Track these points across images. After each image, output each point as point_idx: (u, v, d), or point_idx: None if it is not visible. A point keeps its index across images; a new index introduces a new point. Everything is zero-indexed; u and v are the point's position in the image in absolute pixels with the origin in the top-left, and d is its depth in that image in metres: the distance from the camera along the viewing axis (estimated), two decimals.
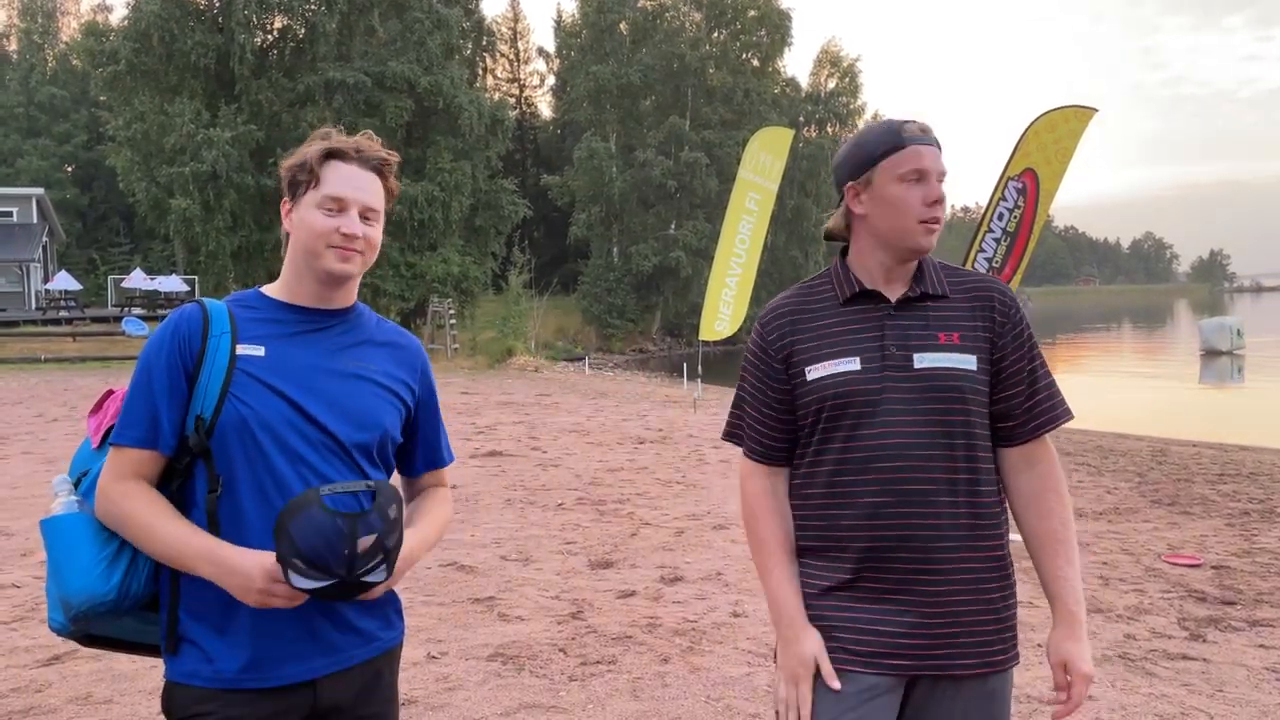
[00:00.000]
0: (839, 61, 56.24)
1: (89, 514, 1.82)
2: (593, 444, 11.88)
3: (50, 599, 1.81)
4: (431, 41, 33.49)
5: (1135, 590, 5.59)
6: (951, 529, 1.84)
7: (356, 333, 1.93)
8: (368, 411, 1.86)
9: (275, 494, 1.75)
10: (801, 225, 48.27)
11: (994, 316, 1.92)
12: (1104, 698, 4.08)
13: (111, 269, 47.35)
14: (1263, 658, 4.54)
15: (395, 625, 1.97)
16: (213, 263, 30.47)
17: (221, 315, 1.82)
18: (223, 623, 1.76)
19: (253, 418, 1.75)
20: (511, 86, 66.64)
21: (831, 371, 1.90)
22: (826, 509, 1.90)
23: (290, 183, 1.85)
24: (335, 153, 1.83)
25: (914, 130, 1.88)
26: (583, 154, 43.90)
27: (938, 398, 1.85)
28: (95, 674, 4.33)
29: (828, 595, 1.90)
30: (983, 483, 1.88)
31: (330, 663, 1.82)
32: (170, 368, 1.77)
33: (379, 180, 1.88)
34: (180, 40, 29.49)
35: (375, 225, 1.88)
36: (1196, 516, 7.66)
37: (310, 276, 1.86)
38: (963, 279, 1.97)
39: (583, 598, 5.47)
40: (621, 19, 46.19)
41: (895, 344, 1.88)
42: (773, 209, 16.25)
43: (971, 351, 1.89)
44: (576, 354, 37.46)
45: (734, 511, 7.82)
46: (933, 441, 1.84)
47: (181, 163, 28.43)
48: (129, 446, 1.76)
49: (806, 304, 2.00)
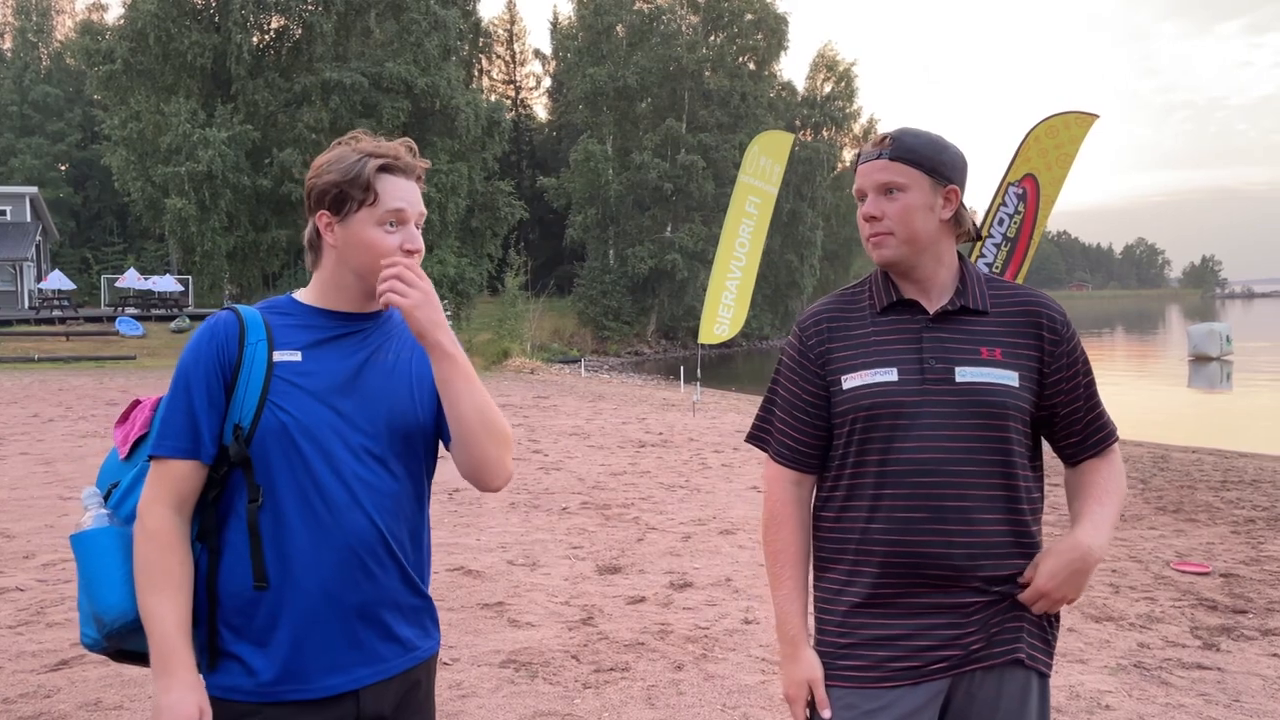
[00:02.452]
0: (835, 66, 56.35)
1: (120, 528, 1.79)
2: (594, 447, 11.85)
3: (83, 614, 1.79)
4: (429, 42, 33.43)
5: (1146, 598, 5.57)
6: (989, 545, 1.82)
7: (389, 332, 1.90)
8: (409, 413, 1.83)
9: (318, 501, 1.72)
10: (797, 230, 48.33)
11: (1042, 335, 1.89)
12: (1121, 707, 4.06)
13: (105, 268, 47.20)
14: (1277, 668, 4.53)
15: (432, 634, 1.94)
16: (208, 263, 30.38)
17: (257, 322, 1.79)
18: (263, 635, 1.73)
19: (293, 424, 1.72)
20: (508, 88, 66.59)
21: (868, 382, 1.88)
22: (861, 521, 1.88)
23: (338, 198, 1.78)
24: (389, 166, 1.79)
25: (867, 148, 1.91)
26: (579, 156, 43.87)
27: (979, 412, 1.82)
28: (104, 679, 4.29)
29: (863, 609, 1.88)
30: (1021, 499, 1.86)
31: (372, 672, 1.80)
32: (208, 376, 1.75)
33: (419, 187, 1.86)
34: (177, 40, 29.40)
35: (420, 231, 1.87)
36: (1202, 524, 7.65)
37: (359, 289, 1.83)
38: (1008, 294, 1.94)
39: (592, 603, 5.43)
40: (618, 21, 46.18)
41: (934, 357, 1.85)
42: None
43: (1014, 369, 1.86)
44: (572, 356, 37.41)
45: (740, 516, 7.79)
46: (972, 457, 1.82)
47: (177, 162, 28.32)
48: (169, 458, 1.73)
49: (845, 311, 1.98)
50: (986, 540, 1.82)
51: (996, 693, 1.84)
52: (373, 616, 1.78)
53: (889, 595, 1.85)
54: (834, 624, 1.92)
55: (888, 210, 1.85)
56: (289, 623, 1.72)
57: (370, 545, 1.76)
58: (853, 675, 1.88)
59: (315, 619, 1.73)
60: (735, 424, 14.70)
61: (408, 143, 1.88)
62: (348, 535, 1.74)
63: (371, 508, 1.76)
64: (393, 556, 1.80)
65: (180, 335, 34.01)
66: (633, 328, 44.79)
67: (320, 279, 1.86)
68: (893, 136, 1.87)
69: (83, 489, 1.88)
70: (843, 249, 57.05)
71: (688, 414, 16.08)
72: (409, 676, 1.86)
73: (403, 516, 1.83)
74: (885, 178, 1.85)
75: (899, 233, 1.85)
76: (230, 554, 1.74)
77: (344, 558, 1.74)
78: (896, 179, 1.84)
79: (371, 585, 1.77)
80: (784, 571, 1.96)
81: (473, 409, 1.77)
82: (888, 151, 1.85)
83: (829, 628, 1.94)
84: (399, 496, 1.81)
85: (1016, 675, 1.85)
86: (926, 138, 1.88)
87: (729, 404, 18.82)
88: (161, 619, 1.68)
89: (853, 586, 1.89)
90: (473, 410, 1.77)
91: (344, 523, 1.73)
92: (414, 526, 1.87)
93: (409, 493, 1.85)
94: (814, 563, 2.02)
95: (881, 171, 1.85)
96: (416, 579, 1.87)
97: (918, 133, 1.88)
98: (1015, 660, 1.84)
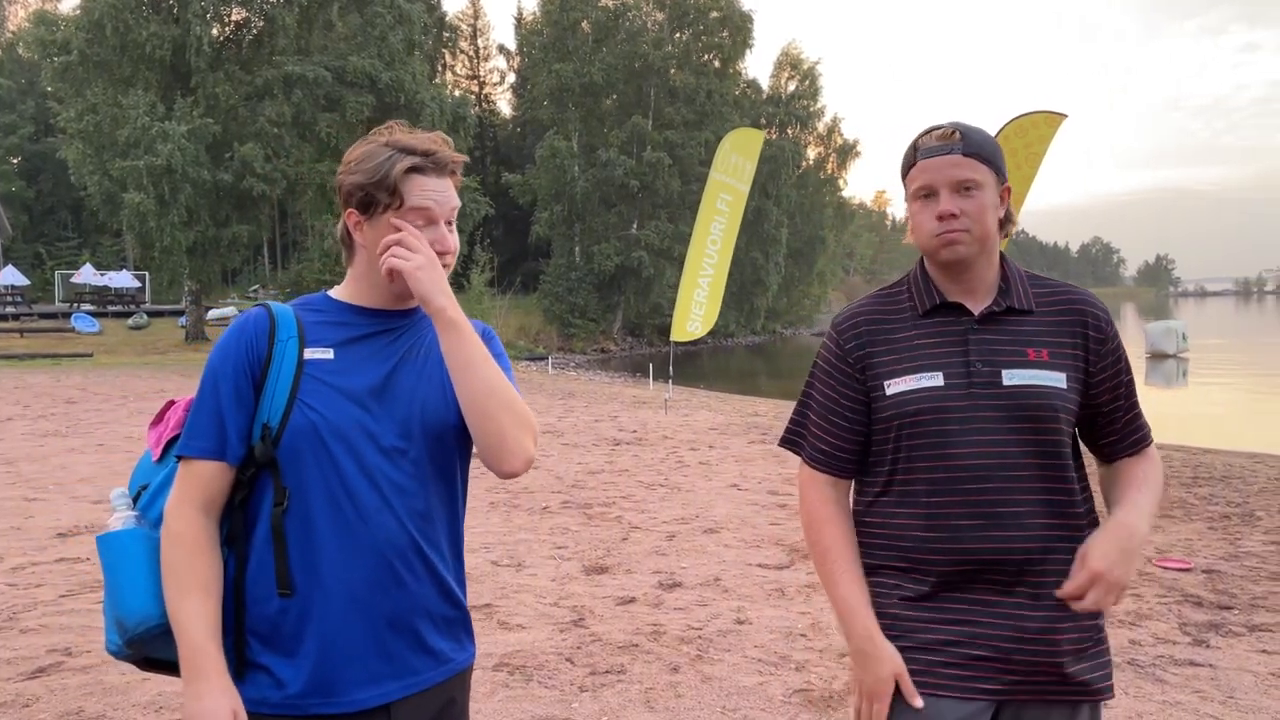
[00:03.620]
0: (799, 64, 56.62)
1: (147, 530, 1.71)
2: (569, 445, 11.76)
3: (107, 619, 1.72)
4: (393, 36, 32.99)
5: (1133, 595, 5.61)
6: (1043, 550, 1.78)
7: (427, 330, 1.83)
8: (440, 412, 1.76)
9: (348, 504, 1.65)
10: (762, 227, 48.41)
11: (1087, 334, 1.85)
12: (1119, 705, 4.07)
13: (59, 264, 46.26)
14: (1267, 663, 4.56)
15: (467, 646, 1.87)
16: (167, 258, 29.71)
17: (288, 319, 1.73)
18: (293, 645, 1.66)
19: (323, 424, 1.65)
20: (471, 84, 66.10)
21: (914, 387, 1.83)
22: (911, 529, 1.83)
23: (365, 200, 1.72)
24: (417, 167, 1.72)
25: (929, 141, 1.81)
26: (545, 152, 43.62)
27: (1028, 415, 1.78)
28: (84, 687, 4.15)
29: (915, 613, 1.83)
30: (1074, 502, 1.82)
31: (404, 686, 1.72)
32: (237, 374, 1.68)
33: (452, 183, 1.78)
34: (135, 31, 28.68)
35: (454, 228, 1.79)
36: (1178, 520, 7.74)
37: (390, 289, 1.76)
38: (1051, 291, 1.90)
39: (582, 604, 5.36)
40: (584, 17, 45.97)
41: (981, 360, 1.81)
42: None
43: (1061, 369, 1.82)
44: (538, 354, 37.25)
45: (723, 515, 7.76)
46: (1024, 461, 1.78)
47: (135, 156, 27.66)
48: (195, 458, 1.66)
49: (885, 313, 1.92)
50: (1041, 545, 1.78)
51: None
52: (405, 626, 1.71)
53: (942, 601, 1.81)
54: (884, 627, 1.87)
55: (965, 208, 1.78)
56: (317, 632, 1.65)
57: (401, 551, 1.69)
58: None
59: (344, 628, 1.65)
60: (709, 421, 14.69)
61: (441, 136, 1.80)
62: (378, 540, 1.67)
63: (403, 511, 1.70)
64: (425, 563, 1.73)
65: (138, 332, 33.45)
66: (599, 325, 44.68)
67: (354, 276, 1.81)
68: (959, 130, 1.80)
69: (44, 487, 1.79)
70: (807, 247, 57.27)
71: (660, 411, 16.03)
72: (443, 691, 1.79)
73: (436, 521, 1.76)
74: (963, 174, 1.78)
75: (975, 230, 1.79)
76: (257, 559, 1.67)
77: (374, 564, 1.67)
78: (974, 175, 1.78)
79: (403, 593, 1.70)
80: (838, 568, 1.90)
81: (480, 381, 1.69)
82: (959, 146, 1.78)
83: None
84: (432, 500, 1.75)
85: (1063, 711, 1.81)
86: (983, 133, 1.82)
87: (700, 401, 18.80)
88: (191, 622, 1.60)
89: (903, 591, 1.85)
90: (481, 382, 1.69)
91: (374, 527, 1.67)
92: (448, 532, 1.80)
93: (442, 496, 1.78)
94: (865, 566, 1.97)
95: (957, 168, 1.78)
96: (452, 587, 1.80)
97: (974, 128, 1.82)
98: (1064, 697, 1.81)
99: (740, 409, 16.99)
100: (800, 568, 6.13)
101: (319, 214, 32.40)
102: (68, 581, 5.72)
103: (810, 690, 4.18)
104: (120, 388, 18.80)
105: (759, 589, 5.68)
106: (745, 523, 7.48)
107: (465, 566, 1.87)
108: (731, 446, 11.86)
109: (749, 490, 8.89)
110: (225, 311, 37.20)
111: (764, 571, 6.07)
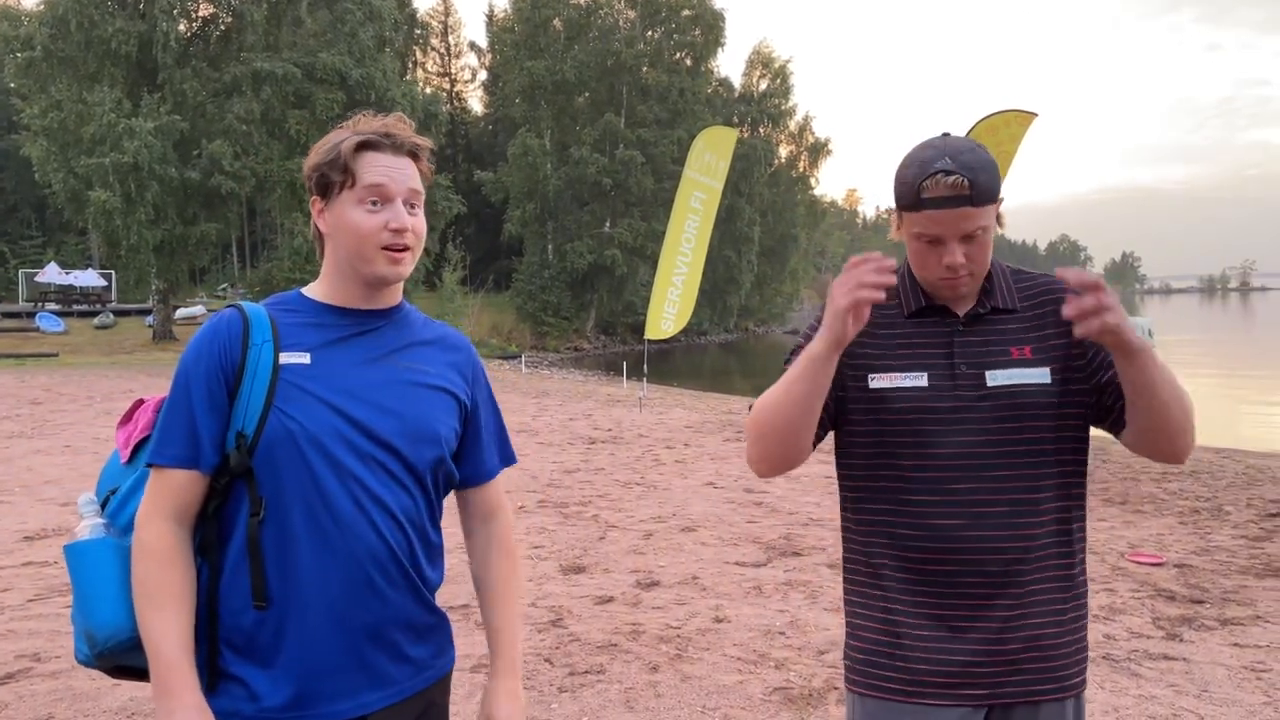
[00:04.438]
0: (771, 63, 56.80)
1: (116, 539, 1.65)
2: (544, 444, 11.72)
3: (76, 629, 1.66)
4: (363, 33, 32.73)
5: (1106, 589, 5.66)
6: (1028, 551, 1.77)
7: (406, 333, 1.78)
8: (424, 421, 1.71)
9: (325, 514, 1.60)
10: (735, 225, 48.54)
11: (1065, 321, 1.84)
12: (1095, 699, 4.09)
13: (23, 263, 45.58)
14: (1239, 656, 4.61)
15: (447, 651, 1.84)
16: (134, 257, 29.32)
17: (262, 321, 1.66)
18: (269, 657, 1.61)
19: (300, 432, 1.59)
20: (442, 81, 65.77)
21: (898, 385, 1.81)
22: (896, 528, 1.82)
23: (321, 182, 1.68)
24: (369, 143, 1.68)
25: (938, 190, 1.69)
26: (517, 150, 43.49)
27: (1012, 415, 1.77)
28: (54, 693, 4.08)
29: (900, 616, 1.82)
30: (1061, 499, 1.81)
31: (383, 696, 1.68)
32: (210, 379, 1.62)
33: (414, 164, 1.73)
34: (100, 26, 28.29)
35: (419, 213, 1.73)
36: (1149, 515, 7.82)
37: (357, 280, 1.70)
38: (1031, 285, 1.88)
39: (560, 604, 5.34)
40: (556, 15, 45.88)
41: (965, 362, 1.80)
42: None
43: (1045, 364, 1.80)
44: (511, 352, 37.13)
45: (700, 513, 7.75)
46: (1009, 461, 1.77)
47: (101, 153, 27.28)
48: (168, 466, 1.60)
49: (874, 309, 1.90)
50: (1026, 545, 1.77)
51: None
52: (383, 637, 1.67)
53: (926, 604, 1.80)
54: (869, 629, 1.86)
55: (972, 253, 1.75)
56: (294, 644, 1.60)
57: (380, 561, 1.64)
58: (885, 686, 1.83)
59: (321, 640, 1.61)
60: (683, 419, 14.69)
61: (399, 117, 1.76)
62: (356, 551, 1.62)
63: (382, 521, 1.65)
64: (404, 573, 1.68)
65: (104, 331, 33.01)
66: (572, 323, 44.63)
67: (324, 271, 1.75)
68: (968, 180, 1.69)
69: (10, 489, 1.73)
70: (779, 245, 57.48)
71: (635, 410, 16.02)
72: (422, 697, 1.75)
73: (415, 529, 1.71)
74: (971, 227, 1.72)
75: (978, 272, 1.78)
76: (231, 569, 1.62)
77: (352, 574, 1.62)
78: (982, 223, 1.73)
79: (381, 604, 1.66)
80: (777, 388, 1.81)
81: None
82: (969, 198, 1.69)
83: (863, 632, 1.88)
84: (410, 511, 1.70)
85: (1052, 708, 1.81)
86: (985, 160, 1.73)
87: (674, 399, 18.81)
88: (163, 638, 1.55)
89: (888, 593, 1.84)
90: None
91: (352, 538, 1.61)
92: (426, 542, 1.75)
93: (421, 504, 1.74)
94: (845, 566, 1.97)
95: (967, 221, 1.71)
96: (431, 595, 1.76)
97: (980, 161, 1.72)
98: (1054, 696, 1.81)
99: (715, 407, 17.02)
100: (778, 565, 6.14)
101: (288, 212, 32.07)
102: (35, 585, 5.62)
103: (789, 688, 4.18)
104: (87, 388, 18.53)
105: (737, 587, 5.67)
106: (722, 521, 7.48)
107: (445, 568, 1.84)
108: (707, 444, 11.87)
109: (725, 488, 8.89)
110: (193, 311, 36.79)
111: (741, 569, 6.07)
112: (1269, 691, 4.19)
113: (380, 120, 1.72)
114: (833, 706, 3.98)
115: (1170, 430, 1.72)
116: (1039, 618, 1.79)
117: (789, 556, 6.36)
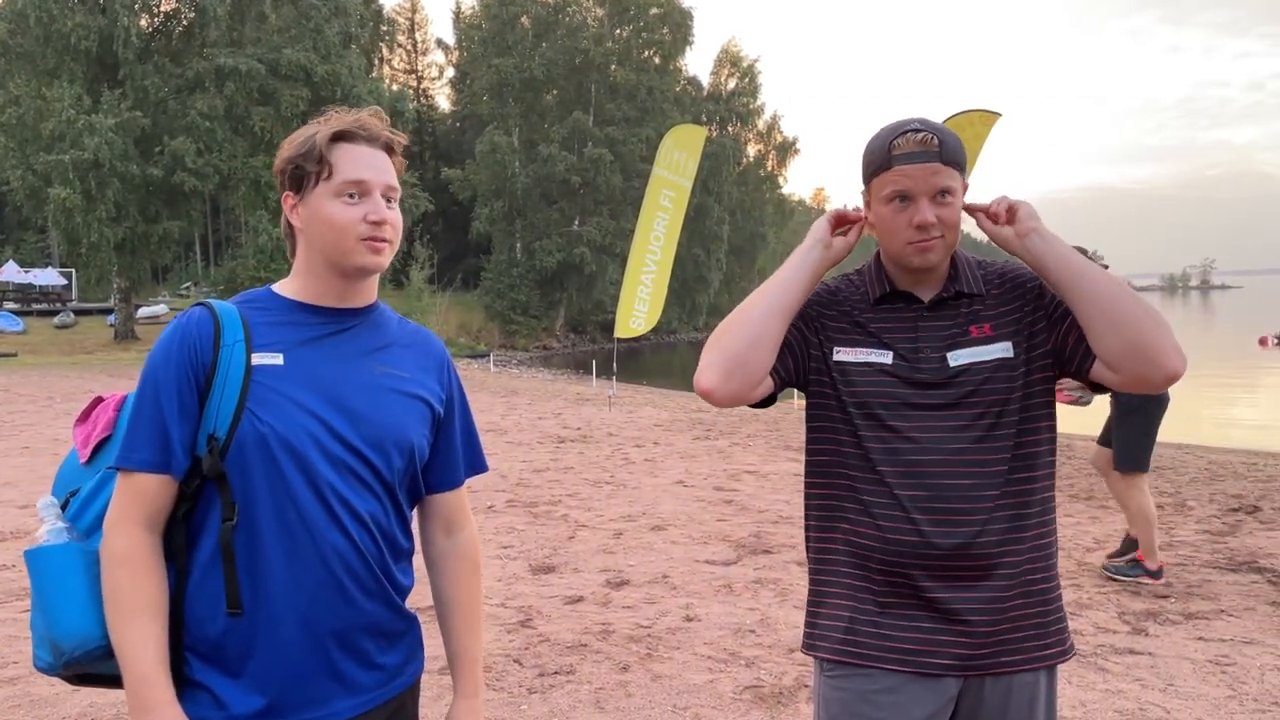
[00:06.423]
0: (739, 62, 56.93)
1: (79, 543, 1.60)
2: (513, 443, 11.66)
3: (36, 636, 1.60)
4: (329, 29, 32.41)
5: (1072, 585, 5.70)
6: (997, 529, 1.79)
7: (381, 334, 1.74)
8: (398, 427, 1.68)
9: (296, 520, 1.57)
10: (704, 223, 48.63)
11: (1026, 291, 1.87)
12: (1063, 694, 4.12)
13: None
14: (1204, 650, 4.66)
15: (418, 656, 1.81)
16: (95, 255, 28.87)
17: (233, 320, 1.61)
18: (238, 665, 1.57)
19: (272, 436, 1.55)
20: (409, 78, 65.35)
21: (862, 360, 1.85)
22: (859, 510, 1.84)
23: (294, 175, 1.65)
24: (344, 134, 1.65)
25: (908, 145, 1.75)
26: (484, 148, 43.28)
27: (975, 394, 1.80)
28: (10, 700, 3.99)
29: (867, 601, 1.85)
30: (1029, 472, 1.83)
31: (354, 704, 1.65)
32: (179, 381, 1.57)
33: (389, 158, 1.70)
34: (59, 21, 27.81)
35: (395, 207, 1.70)
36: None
37: (334, 274, 1.67)
38: (992, 269, 1.93)
39: (529, 604, 5.30)
40: (523, 12, 45.72)
41: (929, 345, 1.83)
42: None
43: (1005, 339, 1.83)
44: (480, 351, 36.96)
45: (670, 512, 7.74)
46: (975, 441, 1.79)
47: (61, 150, 26.84)
48: (137, 471, 1.55)
49: (845, 290, 1.95)
50: (996, 524, 1.79)
51: (1004, 702, 1.82)
52: (353, 644, 1.64)
53: (899, 587, 1.82)
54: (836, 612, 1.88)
55: (942, 216, 1.77)
56: (263, 651, 1.56)
57: (352, 567, 1.61)
58: (856, 653, 1.84)
59: (291, 648, 1.57)
60: (653, 418, 14.67)
61: (375, 110, 1.73)
62: (327, 557, 1.59)
63: (353, 527, 1.61)
64: (374, 579, 1.65)
65: (64, 331, 32.49)
66: (541, 322, 44.50)
67: (296, 268, 1.71)
68: (936, 136, 1.76)
69: None
70: (748, 244, 57.66)
71: (604, 408, 15.98)
72: (393, 703, 1.73)
73: (384, 537, 1.68)
74: (942, 183, 1.76)
75: (949, 237, 1.80)
76: (200, 575, 1.57)
77: (324, 581, 1.59)
78: (951, 184, 1.77)
79: (353, 610, 1.62)
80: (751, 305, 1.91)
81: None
82: (938, 154, 1.75)
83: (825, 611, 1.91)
84: (380, 516, 1.67)
85: (1025, 679, 1.83)
86: (953, 134, 1.80)
87: (643, 398, 18.79)
88: (137, 649, 1.51)
89: (854, 579, 1.87)
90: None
91: (323, 543, 1.58)
92: (396, 548, 1.72)
93: (393, 509, 1.70)
94: (810, 552, 1.98)
95: (937, 176, 1.75)
96: (400, 601, 1.73)
97: (942, 127, 1.79)
98: (1025, 667, 1.82)
99: (684, 405, 17.01)
100: (748, 564, 6.13)
101: (253, 210, 31.70)
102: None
103: (760, 686, 4.17)
104: (46, 388, 18.22)
105: (707, 585, 5.66)
106: (692, 519, 7.47)
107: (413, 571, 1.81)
108: (676, 443, 11.86)
109: (695, 487, 8.88)
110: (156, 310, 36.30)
111: (712, 568, 6.06)
112: (1233, 685, 4.23)
113: (354, 114, 1.69)
114: (803, 704, 3.98)
115: (1137, 333, 1.69)
116: (1012, 593, 1.80)
117: (759, 554, 6.36)
